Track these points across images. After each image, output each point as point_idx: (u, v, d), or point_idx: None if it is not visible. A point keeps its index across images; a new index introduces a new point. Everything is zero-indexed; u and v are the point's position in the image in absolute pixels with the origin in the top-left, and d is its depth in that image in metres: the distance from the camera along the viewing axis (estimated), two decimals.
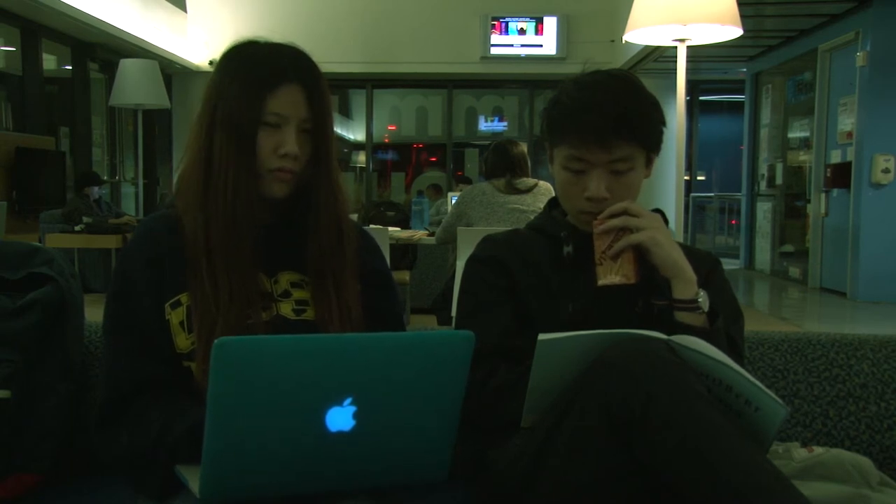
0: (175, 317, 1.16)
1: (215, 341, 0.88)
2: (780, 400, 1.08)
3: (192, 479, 1.00)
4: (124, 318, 1.18)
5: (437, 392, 1.00)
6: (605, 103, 1.28)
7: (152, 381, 1.15)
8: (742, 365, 1.15)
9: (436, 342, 1.01)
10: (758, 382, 1.08)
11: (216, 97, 1.19)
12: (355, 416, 0.95)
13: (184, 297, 1.17)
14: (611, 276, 1.26)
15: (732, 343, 1.31)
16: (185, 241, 1.18)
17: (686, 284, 1.26)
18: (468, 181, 8.36)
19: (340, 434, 0.95)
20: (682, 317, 1.25)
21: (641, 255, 1.27)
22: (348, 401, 0.94)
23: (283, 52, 1.21)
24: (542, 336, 1.10)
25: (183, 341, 1.16)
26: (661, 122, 1.34)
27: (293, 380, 0.92)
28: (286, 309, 1.20)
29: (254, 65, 1.19)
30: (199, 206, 1.18)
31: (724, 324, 1.27)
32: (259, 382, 0.91)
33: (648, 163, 1.35)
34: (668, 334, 1.13)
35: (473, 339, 0.99)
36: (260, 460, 0.95)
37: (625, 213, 1.27)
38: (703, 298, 1.25)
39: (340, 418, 0.95)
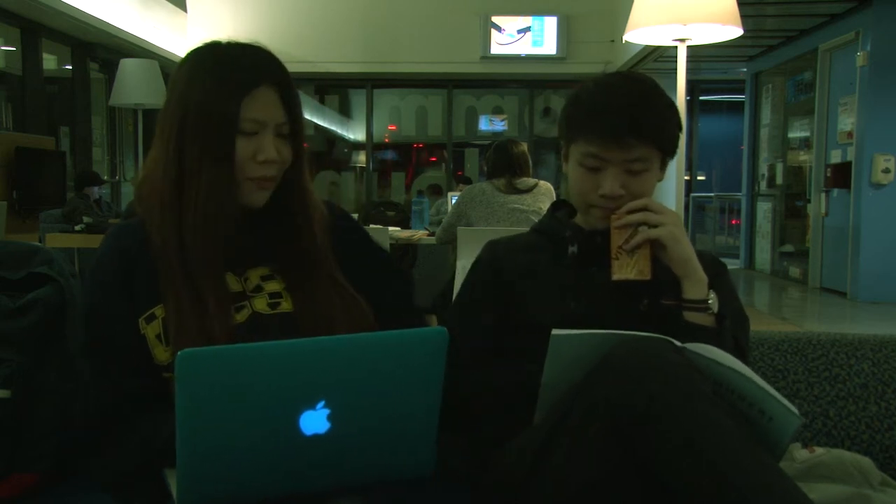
0: (151, 330, 1.13)
1: (178, 353, 0.87)
2: (794, 409, 1.07)
3: (175, 483, 0.99)
4: (98, 339, 1.15)
5: (413, 389, 0.99)
6: (626, 104, 1.30)
7: (134, 397, 1.13)
8: None
9: (408, 341, 0.99)
10: (772, 391, 1.07)
11: (185, 104, 1.14)
12: (329, 418, 0.94)
13: (158, 310, 1.13)
14: (626, 271, 1.27)
15: (738, 347, 1.31)
16: (154, 251, 1.15)
17: (697, 284, 1.26)
18: (468, 181, 8.35)
19: (316, 437, 0.94)
20: (692, 317, 1.25)
21: (655, 252, 1.27)
22: (321, 403, 0.93)
23: (251, 53, 1.16)
24: (555, 331, 1.11)
25: (162, 353, 1.13)
26: (678, 125, 1.36)
27: (262, 386, 0.91)
28: (261, 304, 1.18)
29: (224, 69, 1.14)
30: (172, 215, 1.14)
31: (731, 325, 1.27)
32: (227, 391, 0.90)
33: (663, 165, 1.36)
34: (676, 334, 1.13)
35: (447, 335, 0.97)
36: (236, 466, 0.94)
37: (645, 208, 1.28)
38: (713, 299, 1.26)
39: (314, 421, 0.94)
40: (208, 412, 0.90)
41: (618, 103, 1.30)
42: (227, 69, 1.14)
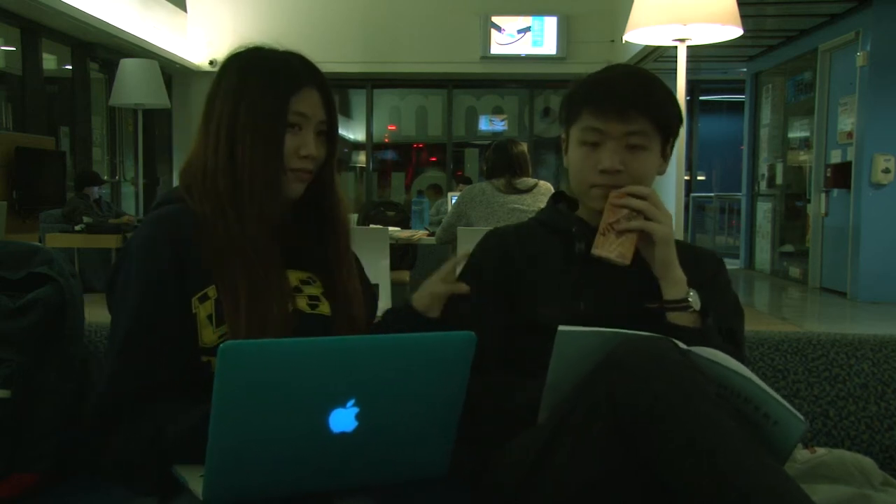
0: (203, 310, 1.16)
1: (220, 346, 0.89)
2: (799, 415, 1.07)
3: (192, 479, 1.00)
4: (149, 318, 1.15)
5: (438, 391, 1.01)
6: (630, 80, 1.33)
7: (159, 385, 1.13)
8: (743, 363, 1.15)
9: (437, 343, 1.02)
10: (777, 396, 1.07)
11: (236, 101, 1.21)
12: (358, 416, 0.96)
13: (211, 291, 1.17)
14: (608, 249, 1.26)
15: (733, 338, 1.31)
16: (213, 237, 1.18)
17: (675, 285, 1.26)
18: (468, 181, 8.35)
19: (343, 435, 0.96)
20: (674, 317, 1.26)
21: (640, 245, 1.27)
22: (351, 402, 0.95)
23: (296, 57, 1.26)
24: (562, 327, 1.11)
25: (209, 335, 1.16)
26: (679, 115, 1.37)
27: (297, 382, 0.93)
28: (302, 303, 1.24)
29: (275, 69, 1.23)
30: (230, 205, 1.19)
31: (715, 321, 1.27)
32: (264, 385, 0.91)
33: (663, 151, 1.36)
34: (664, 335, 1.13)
35: (474, 340, 1.00)
36: (263, 462, 0.95)
37: (648, 199, 1.28)
38: (693, 298, 1.26)
39: (343, 419, 0.95)
40: (244, 404, 0.91)
41: (621, 78, 1.34)
42: (279, 70, 1.23)
